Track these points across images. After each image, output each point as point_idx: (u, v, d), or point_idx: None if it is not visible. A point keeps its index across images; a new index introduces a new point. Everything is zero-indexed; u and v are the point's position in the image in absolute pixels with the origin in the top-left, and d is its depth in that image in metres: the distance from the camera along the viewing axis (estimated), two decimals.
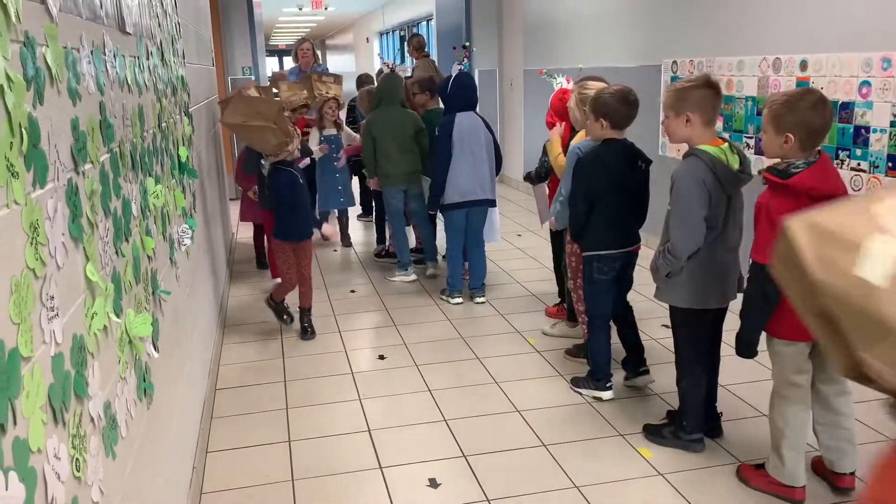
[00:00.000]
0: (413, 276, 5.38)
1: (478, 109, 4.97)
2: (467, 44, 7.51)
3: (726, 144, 2.75)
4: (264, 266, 5.63)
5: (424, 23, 14.63)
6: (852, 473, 2.62)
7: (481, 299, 4.85)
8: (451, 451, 2.99)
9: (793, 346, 2.50)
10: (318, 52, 7.67)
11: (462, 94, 4.69)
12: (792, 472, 2.57)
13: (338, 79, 6.10)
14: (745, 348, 2.52)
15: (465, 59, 5.10)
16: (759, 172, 2.52)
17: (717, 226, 2.73)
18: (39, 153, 1.21)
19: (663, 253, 2.81)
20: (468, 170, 4.62)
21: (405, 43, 8.79)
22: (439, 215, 5.06)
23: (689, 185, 2.68)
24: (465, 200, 4.66)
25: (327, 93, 5.91)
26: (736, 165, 2.72)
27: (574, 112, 3.66)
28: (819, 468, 2.72)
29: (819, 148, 2.44)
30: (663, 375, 3.49)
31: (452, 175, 4.63)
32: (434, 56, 12.59)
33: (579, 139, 3.61)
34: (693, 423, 2.92)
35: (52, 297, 1.22)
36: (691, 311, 2.83)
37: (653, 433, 3.04)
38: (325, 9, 16.40)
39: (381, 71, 6.53)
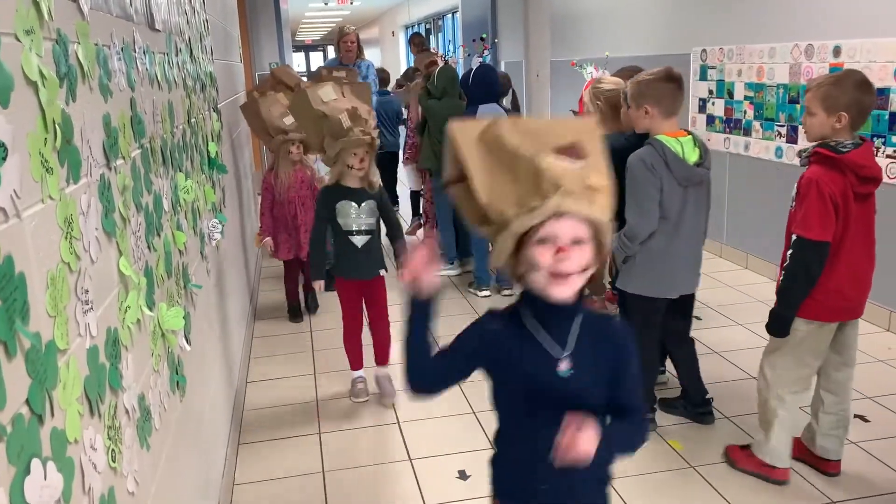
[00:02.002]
0: (458, 270, 5.36)
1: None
2: (485, 35, 7.51)
3: (689, 137, 2.79)
4: (298, 316, 4.58)
5: (450, 15, 14.60)
6: (839, 460, 2.65)
7: (509, 292, 4.83)
8: (480, 444, 2.99)
9: (816, 325, 2.47)
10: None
11: (482, 86, 4.65)
12: (777, 451, 2.59)
13: (351, 73, 5.21)
14: (780, 326, 2.49)
15: (485, 52, 5.06)
16: (800, 154, 2.53)
17: (670, 217, 2.77)
18: (73, 149, 1.23)
19: (619, 237, 2.86)
20: None
21: (408, 43, 8.93)
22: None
23: (639, 168, 2.74)
24: None
25: (340, 91, 5.49)
26: (693, 159, 2.76)
27: (588, 108, 3.62)
28: (803, 452, 2.72)
29: (858, 134, 2.44)
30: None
31: None
32: (459, 49, 12.57)
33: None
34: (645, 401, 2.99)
35: (87, 291, 1.23)
36: (642, 298, 2.89)
37: None
38: (351, 3, 16.44)
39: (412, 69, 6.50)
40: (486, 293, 4.83)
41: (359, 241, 3.19)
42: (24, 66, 1.04)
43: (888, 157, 3.83)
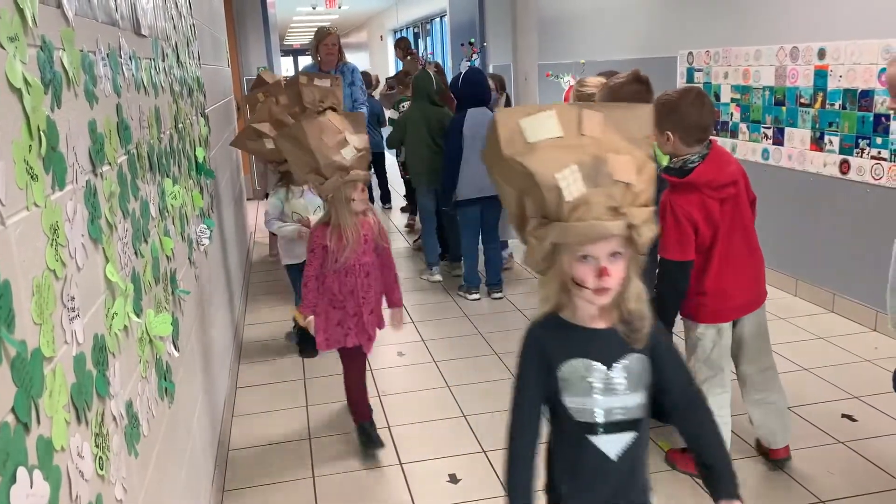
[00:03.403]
0: (438, 277, 5.32)
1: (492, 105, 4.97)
2: (473, 40, 7.55)
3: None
4: (376, 442, 3.01)
5: (438, 19, 14.63)
6: (786, 447, 2.73)
7: (499, 295, 4.85)
8: (470, 447, 2.99)
9: (713, 328, 2.57)
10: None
11: (471, 90, 4.71)
12: None
13: (335, 81, 4.02)
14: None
15: (474, 56, 5.10)
16: (659, 173, 2.57)
17: None
18: (58, 156, 1.22)
19: None
20: (481, 165, 4.60)
21: (395, 48, 9.03)
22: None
23: None
24: (478, 196, 4.64)
25: (321, 102, 3.77)
26: (664, 163, 2.80)
27: None
28: (759, 444, 2.83)
29: (710, 139, 2.51)
30: None
31: (465, 171, 4.63)
32: (448, 53, 12.59)
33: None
34: None
35: (73, 298, 1.23)
36: None
37: None
38: (339, 7, 16.43)
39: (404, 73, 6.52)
40: (476, 296, 4.84)
41: (611, 444, 1.48)
42: (7, 74, 1.04)
43: (873, 158, 3.86)
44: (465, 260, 4.90)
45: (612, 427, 1.48)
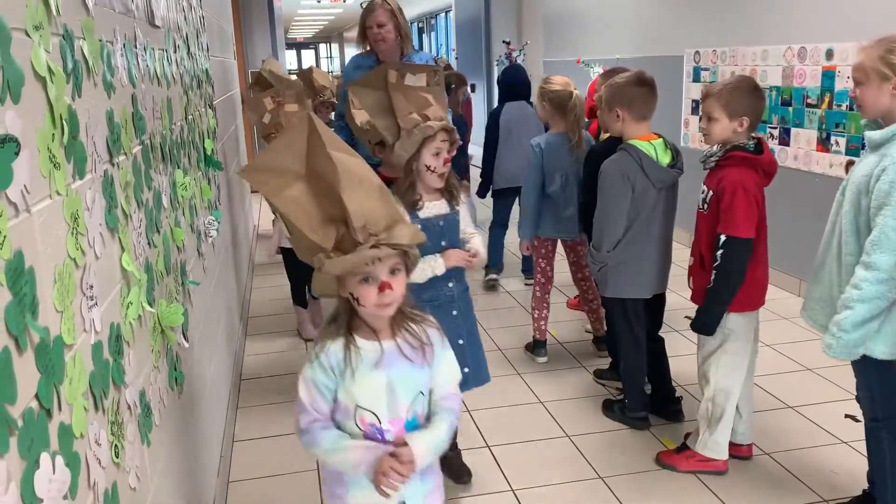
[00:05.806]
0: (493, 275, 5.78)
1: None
2: (508, 40, 7.65)
3: (660, 140, 2.84)
4: None
5: (443, 14, 14.60)
6: (749, 445, 2.78)
7: (531, 280, 4.95)
8: (475, 443, 3.00)
9: (746, 316, 2.57)
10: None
11: (508, 86, 4.92)
12: (720, 445, 2.66)
13: (433, 76, 2.36)
14: (708, 326, 2.56)
15: (512, 53, 5.24)
16: (702, 159, 2.58)
17: (641, 218, 2.82)
18: (79, 145, 1.23)
19: (589, 251, 2.95)
20: (514, 157, 4.73)
21: None
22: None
23: (613, 178, 2.79)
24: (510, 187, 4.80)
25: (422, 114, 2.28)
26: (667, 161, 2.81)
27: (537, 107, 3.68)
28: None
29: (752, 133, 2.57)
30: (688, 367, 3.48)
31: (499, 162, 4.82)
32: (453, 47, 12.56)
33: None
34: (635, 402, 3.05)
35: (92, 287, 1.24)
36: (620, 301, 2.96)
37: (607, 408, 3.19)
38: (344, 1, 16.40)
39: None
40: (494, 276, 5.06)
41: None
42: (33, 62, 1.04)
43: None
44: (491, 243, 5.03)
45: None
